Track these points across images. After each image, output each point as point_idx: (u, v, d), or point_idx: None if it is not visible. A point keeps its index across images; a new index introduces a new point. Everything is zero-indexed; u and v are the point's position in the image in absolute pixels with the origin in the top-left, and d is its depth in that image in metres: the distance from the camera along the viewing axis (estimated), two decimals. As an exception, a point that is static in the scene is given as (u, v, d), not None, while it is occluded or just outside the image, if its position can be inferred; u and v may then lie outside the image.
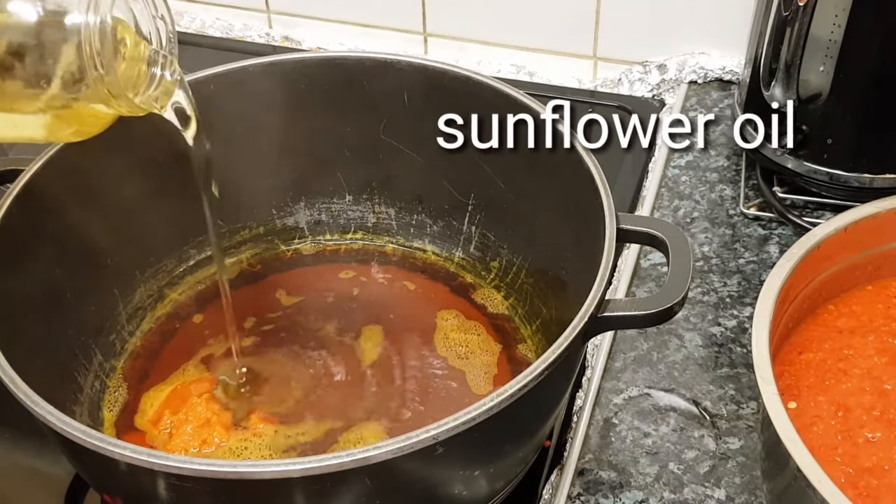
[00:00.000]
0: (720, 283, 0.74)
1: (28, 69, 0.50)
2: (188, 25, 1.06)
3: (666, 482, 0.62)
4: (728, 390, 0.67)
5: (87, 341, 0.67)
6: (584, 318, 0.52)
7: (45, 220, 0.63)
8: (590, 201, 0.59)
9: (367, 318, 0.72)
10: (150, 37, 0.55)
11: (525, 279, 0.72)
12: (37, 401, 0.50)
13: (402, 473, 0.50)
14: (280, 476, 0.46)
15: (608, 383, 0.68)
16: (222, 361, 0.69)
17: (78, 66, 0.50)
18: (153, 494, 0.50)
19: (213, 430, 0.64)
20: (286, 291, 0.75)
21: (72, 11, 0.50)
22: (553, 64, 0.98)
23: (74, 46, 0.50)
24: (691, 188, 0.83)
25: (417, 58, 0.73)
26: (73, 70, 0.50)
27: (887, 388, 0.57)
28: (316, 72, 0.72)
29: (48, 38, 0.50)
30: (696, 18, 0.92)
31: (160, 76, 0.56)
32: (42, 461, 0.65)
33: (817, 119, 0.75)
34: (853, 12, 0.69)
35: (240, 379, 0.68)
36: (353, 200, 0.78)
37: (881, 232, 0.62)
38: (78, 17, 0.50)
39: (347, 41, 1.03)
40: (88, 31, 0.50)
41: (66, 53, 0.50)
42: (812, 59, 0.72)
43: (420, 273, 0.76)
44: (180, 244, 0.75)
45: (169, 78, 0.56)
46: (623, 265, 0.76)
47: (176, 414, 0.65)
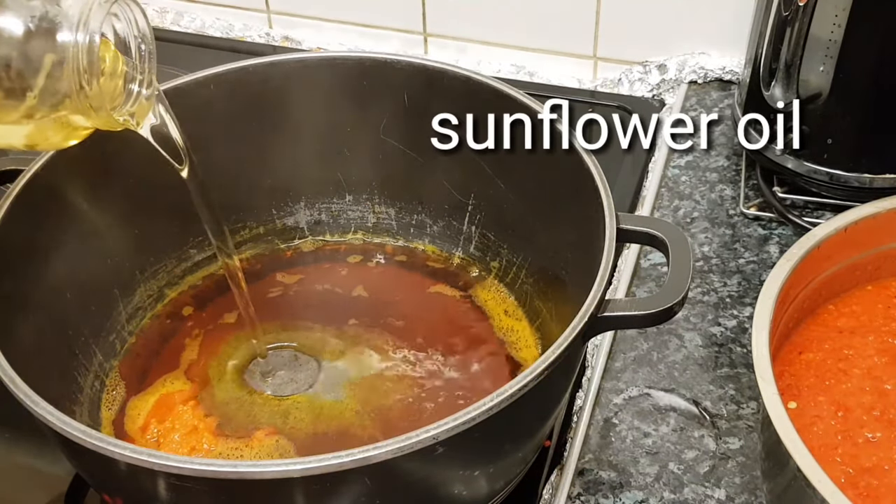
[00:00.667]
0: (720, 283, 0.74)
1: (12, 80, 0.50)
2: (188, 25, 1.06)
3: (666, 482, 0.62)
4: (728, 390, 0.67)
5: (87, 341, 0.67)
6: (584, 318, 0.52)
7: (45, 220, 0.63)
8: (590, 201, 0.59)
9: (368, 318, 0.72)
10: (130, 53, 0.56)
11: (525, 279, 0.72)
12: (37, 401, 0.50)
13: (402, 473, 0.50)
14: (280, 476, 0.46)
15: (608, 383, 0.68)
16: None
17: (62, 80, 0.50)
18: (153, 494, 0.50)
19: (201, 436, 0.64)
20: (286, 291, 0.75)
21: (62, 29, 0.50)
22: (553, 64, 0.98)
23: (61, 61, 0.50)
24: (691, 188, 0.83)
25: (417, 58, 0.73)
26: (57, 83, 0.50)
27: (887, 388, 0.57)
28: (316, 72, 0.72)
29: (34, 52, 0.50)
30: (696, 18, 0.92)
31: (137, 92, 0.56)
32: (42, 461, 0.65)
33: (817, 119, 0.75)
34: (853, 12, 0.69)
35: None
36: (353, 200, 0.78)
37: (881, 232, 0.62)
38: (68, 35, 0.50)
39: (347, 41, 1.03)
40: (77, 48, 0.50)
41: (51, 67, 0.50)
42: (812, 59, 0.72)
43: (420, 273, 0.76)
44: (180, 244, 0.75)
45: (145, 94, 0.56)
46: (623, 265, 0.76)
47: (162, 423, 0.65)
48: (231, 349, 0.70)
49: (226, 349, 0.70)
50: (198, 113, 0.70)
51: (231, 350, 0.70)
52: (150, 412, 0.66)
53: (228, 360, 0.70)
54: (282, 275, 0.76)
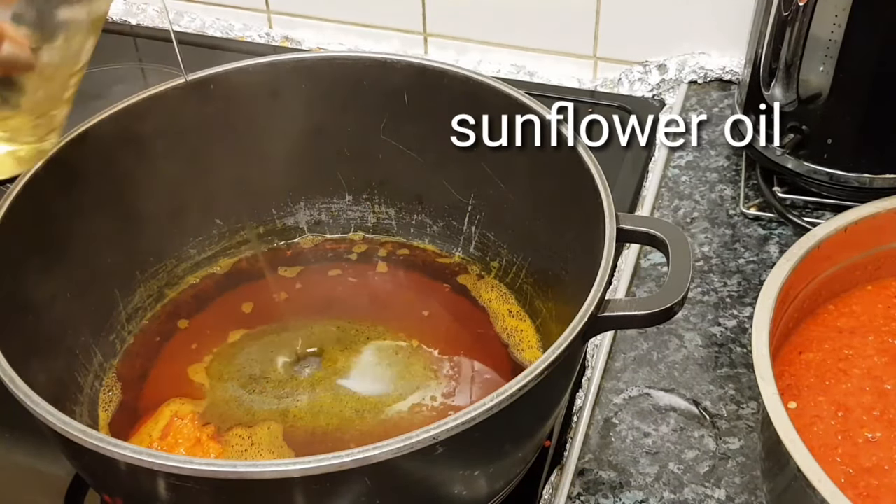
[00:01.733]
0: (720, 283, 0.74)
1: None
2: (188, 25, 1.06)
3: (666, 482, 0.62)
4: (728, 390, 0.67)
5: (87, 341, 0.67)
6: (584, 318, 0.52)
7: (45, 220, 0.63)
8: (590, 201, 0.59)
9: (368, 317, 0.72)
10: None
11: (525, 279, 0.72)
12: (37, 401, 0.50)
13: (402, 473, 0.50)
14: (280, 476, 0.46)
15: (608, 383, 0.68)
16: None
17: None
18: (153, 494, 0.50)
19: (205, 447, 0.63)
20: (286, 291, 0.75)
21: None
22: (553, 64, 0.98)
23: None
24: (691, 188, 0.83)
25: (417, 58, 0.73)
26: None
27: (887, 388, 0.57)
28: (316, 72, 0.72)
29: None
30: (696, 18, 0.92)
31: None
32: (42, 461, 0.65)
33: (817, 119, 0.75)
34: (853, 12, 0.69)
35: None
36: (353, 200, 0.78)
37: (881, 232, 0.62)
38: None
39: (347, 41, 1.03)
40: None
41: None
42: (812, 59, 0.72)
43: (420, 273, 0.76)
44: (180, 244, 0.75)
45: None
46: (623, 265, 0.76)
47: (164, 439, 0.65)
48: (230, 349, 0.70)
49: (225, 349, 0.70)
50: (197, 113, 0.70)
51: (231, 350, 0.70)
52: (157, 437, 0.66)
53: (228, 359, 0.70)
54: (282, 274, 0.76)
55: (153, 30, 1.06)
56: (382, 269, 0.77)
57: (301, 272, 0.77)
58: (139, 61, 1.02)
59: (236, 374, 0.69)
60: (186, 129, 0.70)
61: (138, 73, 1.00)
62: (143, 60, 1.02)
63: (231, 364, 0.69)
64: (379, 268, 0.77)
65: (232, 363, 0.69)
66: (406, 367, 0.68)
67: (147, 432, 0.65)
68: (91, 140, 0.65)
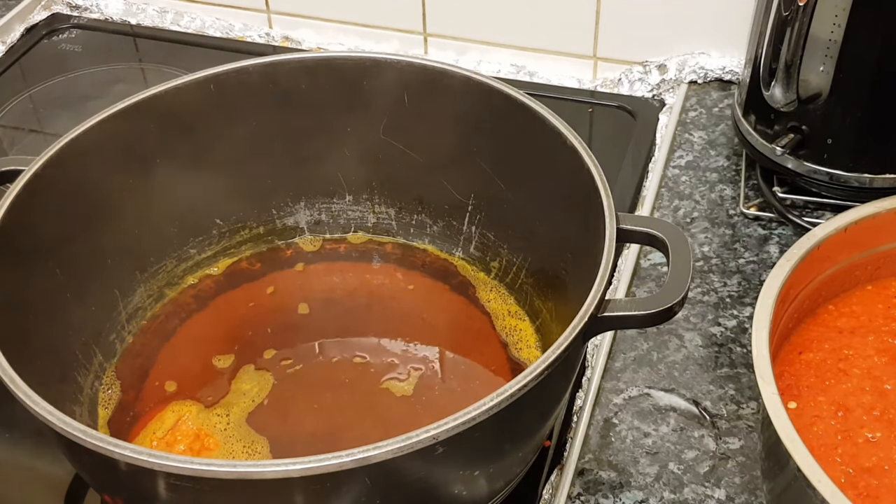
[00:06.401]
0: (720, 283, 0.74)
1: None
2: (188, 25, 1.06)
3: (666, 482, 0.62)
4: (728, 390, 0.67)
5: (87, 341, 0.67)
6: (584, 318, 0.52)
7: (45, 220, 0.63)
8: (590, 201, 0.59)
9: (368, 317, 0.72)
10: None
11: (525, 279, 0.72)
12: (37, 401, 0.50)
13: (402, 473, 0.50)
14: (280, 476, 0.46)
15: (608, 383, 0.68)
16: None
17: None
18: (153, 494, 0.50)
19: (207, 447, 0.63)
20: (285, 291, 0.75)
21: None
22: (553, 64, 0.98)
23: None
24: (691, 188, 0.83)
25: (417, 58, 0.73)
26: None
27: (887, 388, 0.57)
28: (316, 72, 0.72)
29: None
30: (696, 18, 0.92)
31: None
32: (42, 461, 0.65)
33: (817, 119, 0.75)
34: (853, 12, 0.69)
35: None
36: (353, 200, 0.78)
37: (881, 232, 0.62)
38: None
39: (347, 41, 1.03)
40: None
41: None
42: (812, 59, 0.72)
43: (420, 273, 0.76)
44: (180, 244, 0.75)
45: None
46: (623, 265, 0.76)
47: (167, 439, 0.64)
48: (229, 348, 0.70)
49: (225, 350, 0.70)
50: (197, 113, 0.70)
51: (227, 348, 0.70)
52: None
53: (227, 360, 0.70)
54: (281, 274, 0.76)
55: (153, 30, 1.06)
56: (382, 269, 0.77)
57: (301, 272, 0.77)
58: (139, 61, 1.02)
59: (235, 374, 0.69)
60: (186, 129, 0.70)
61: (138, 73, 1.00)
62: (143, 60, 1.02)
63: (229, 364, 0.69)
64: (379, 268, 0.77)
65: (230, 363, 0.69)
66: (406, 367, 0.68)
67: (151, 431, 0.65)
68: (91, 140, 0.65)
